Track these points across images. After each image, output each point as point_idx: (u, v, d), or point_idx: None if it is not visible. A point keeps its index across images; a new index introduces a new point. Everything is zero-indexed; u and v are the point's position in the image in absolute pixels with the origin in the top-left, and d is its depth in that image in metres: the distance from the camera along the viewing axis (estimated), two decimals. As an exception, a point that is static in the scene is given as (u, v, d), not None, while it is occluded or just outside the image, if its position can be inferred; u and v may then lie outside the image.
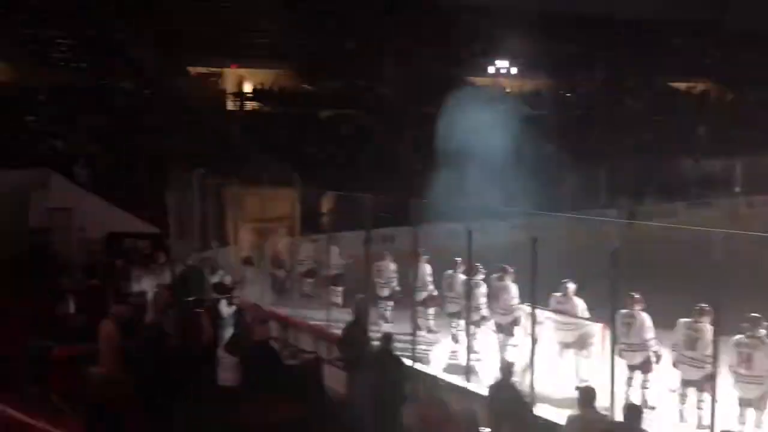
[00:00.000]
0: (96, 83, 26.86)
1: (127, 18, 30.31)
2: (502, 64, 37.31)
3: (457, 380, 10.62)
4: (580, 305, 10.58)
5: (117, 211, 16.95)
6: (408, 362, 10.56)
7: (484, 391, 9.15)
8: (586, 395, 7.67)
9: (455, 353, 11.87)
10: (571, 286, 10.72)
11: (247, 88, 32.67)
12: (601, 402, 7.94)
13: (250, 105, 31.69)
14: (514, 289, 11.35)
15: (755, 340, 8.56)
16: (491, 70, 37.41)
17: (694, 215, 29.42)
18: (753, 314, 8.64)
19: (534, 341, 10.13)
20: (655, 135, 36.09)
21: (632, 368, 9.45)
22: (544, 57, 37.88)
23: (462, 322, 11.74)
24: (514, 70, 37.52)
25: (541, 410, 9.08)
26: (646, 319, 9.37)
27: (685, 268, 7.88)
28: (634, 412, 7.32)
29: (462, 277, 12.00)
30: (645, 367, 9.44)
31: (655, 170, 31.56)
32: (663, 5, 44.93)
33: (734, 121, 38.64)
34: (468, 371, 10.56)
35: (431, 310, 13.27)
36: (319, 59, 33.28)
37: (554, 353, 10.69)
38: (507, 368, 8.74)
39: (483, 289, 11.74)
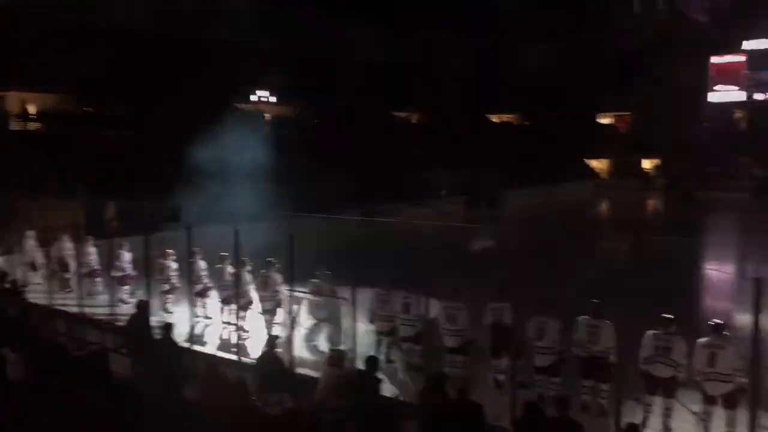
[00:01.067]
0: None
1: None
2: (262, 93, 37.08)
3: (230, 355, 10.36)
4: (332, 288, 10.76)
5: None
6: (186, 345, 10.13)
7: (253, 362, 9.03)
8: (336, 357, 7.89)
9: (227, 333, 11.55)
10: (325, 274, 10.91)
11: (32, 110, 29.35)
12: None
13: (33, 126, 28.51)
14: (278, 278, 11.25)
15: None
16: (254, 98, 37.03)
17: (414, 213, 31.24)
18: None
19: (294, 319, 10.17)
20: (385, 152, 37.72)
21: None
22: (296, 89, 38.14)
23: (232, 307, 11.43)
24: (273, 99, 37.45)
25: (301, 371, 9.16)
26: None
27: (408, 254, 8.20)
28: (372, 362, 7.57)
29: (230, 269, 11.69)
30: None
31: (385, 179, 33.10)
32: (385, 51, 47.17)
33: (440, 143, 41.58)
34: (238, 347, 10.34)
35: (207, 300, 12.78)
36: (99, 86, 30.71)
37: (311, 327, 10.83)
38: (272, 342, 8.66)
39: (249, 278, 11.52)
